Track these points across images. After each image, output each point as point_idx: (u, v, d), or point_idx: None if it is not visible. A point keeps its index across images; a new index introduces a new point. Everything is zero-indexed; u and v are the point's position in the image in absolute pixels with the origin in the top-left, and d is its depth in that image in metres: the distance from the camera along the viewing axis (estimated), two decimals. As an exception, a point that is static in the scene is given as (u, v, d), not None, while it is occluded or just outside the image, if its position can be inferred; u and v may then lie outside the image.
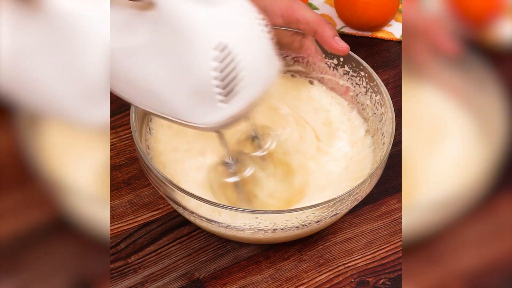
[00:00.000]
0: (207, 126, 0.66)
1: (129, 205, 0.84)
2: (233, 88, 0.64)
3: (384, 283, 0.78)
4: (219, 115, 0.65)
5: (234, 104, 0.65)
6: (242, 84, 0.64)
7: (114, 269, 0.78)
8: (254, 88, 0.65)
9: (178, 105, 0.66)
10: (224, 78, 0.63)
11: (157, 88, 0.65)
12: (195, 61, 0.63)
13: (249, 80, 0.64)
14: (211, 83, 0.63)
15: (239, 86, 0.64)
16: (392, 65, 1.00)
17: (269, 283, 0.78)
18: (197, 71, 0.63)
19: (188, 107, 0.65)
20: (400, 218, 0.83)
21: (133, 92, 0.68)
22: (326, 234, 0.81)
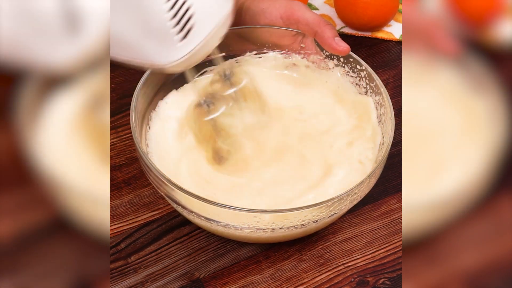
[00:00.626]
0: (169, 66, 0.72)
1: (129, 205, 0.84)
2: (188, 27, 0.70)
3: (384, 283, 0.78)
4: (178, 53, 0.71)
5: (191, 42, 0.71)
6: (196, 23, 0.70)
7: (114, 269, 0.78)
8: (207, 24, 0.72)
9: (141, 47, 0.71)
10: (178, 18, 0.69)
11: (124, 35, 0.71)
12: (149, 4, 0.68)
13: (202, 18, 0.71)
14: (167, 24, 0.69)
15: (193, 24, 0.70)
16: (392, 65, 1.00)
17: (269, 283, 0.78)
18: (151, 10, 0.68)
19: (150, 48, 0.71)
20: (400, 218, 0.83)
21: None
22: (326, 234, 0.81)
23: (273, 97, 0.85)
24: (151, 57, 0.72)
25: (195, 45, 0.71)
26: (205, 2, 0.71)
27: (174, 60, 0.71)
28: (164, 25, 0.69)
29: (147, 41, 0.70)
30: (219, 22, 0.72)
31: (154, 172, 0.73)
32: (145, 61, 0.72)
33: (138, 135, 0.77)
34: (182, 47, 0.71)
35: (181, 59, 0.71)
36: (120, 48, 0.72)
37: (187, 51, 0.71)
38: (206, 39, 0.72)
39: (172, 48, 0.71)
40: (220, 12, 0.72)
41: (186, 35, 0.70)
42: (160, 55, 0.71)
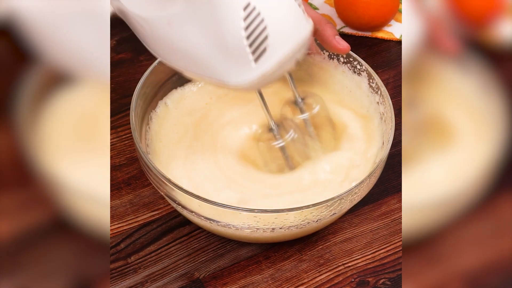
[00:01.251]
0: (241, 86, 0.70)
1: (129, 205, 0.84)
2: (263, 48, 0.68)
3: (384, 283, 0.78)
4: (252, 74, 0.69)
5: (264, 63, 0.68)
6: (271, 43, 0.68)
7: (114, 269, 0.78)
8: (282, 47, 0.69)
9: (214, 66, 0.70)
10: (253, 38, 0.67)
11: (195, 51, 0.70)
12: (226, 22, 0.67)
13: (278, 39, 0.68)
14: (242, 43, 0.67)
15: (268, 45, 0.68)
16: (392, 65, 1.00)
17: (269, 283, 0.78)
18: (229, 32, 0.67)
19: (223, 67, 0.69)
20: (400, 218, 0.83)
21: (174, 56, 0.73)
22: (326, 234, 0.81)
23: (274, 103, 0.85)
24: (222, 75, 0.70)
25: (269, 67, 0.69)
26: (282, 24, 0.68)
27: (245, 80, 0.69)
28: (239, 42, 0.67)
29: (220, 58, 0.69)
30: (296, 45, 0.70)
31: (154, 172, 0.73)
32: (215, 79, 0.71)
33: (138, 135, 0.77)
34: (255, 68, 0.68)
35: (253, 80, 0.69)
36: (191, 63, 0.71)
37: (260, 72, 0.69)
38: (281, 62, 0.69)
39: (245, 68, 0.68)
40: (298, 35, 0.70)
41: (260, 56, 0.68)
42: (231, 73, 0.69)
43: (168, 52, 0.73)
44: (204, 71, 0.71)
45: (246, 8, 0.66)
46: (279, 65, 0.69)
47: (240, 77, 0.69)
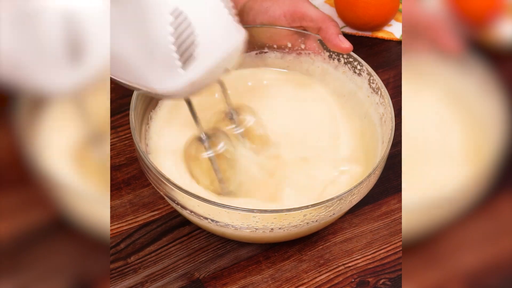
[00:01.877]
0: (168, 93, 0.69)
1: (129, 205, 0.84)
2: (190, 54, 0.67)
3: (384, 283, 0.78)
4: (179, 81, 0.68)
5: (193, 70, 0.68)
6: (199, 50, 0.67)
7: (114, 269, 0.78)
8: (212, 55, 0.68)
9: (142, 72, 0.68)
10: (181, 43, 0.66)
11: (124, 56, 0.68)
12: (153, 27, 0.66)
13: (206, 47, 0.67)
14: (169, 48, 0.66)
15: (196, 52, 0.67)
16: (392, 65, 1.00)
17: (269, 283, 0.78)
18: (156, 36, 0.66)
19: (151, 73, 0.68)
20: (400, 218, 0.83)
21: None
22: (326, 234, 0.81)
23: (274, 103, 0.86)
24: (150, 82, 0.69)
25: (197, 74, 0.68)
26: (212, 31, 0.68)
27: (173, 87, 0.68)
28: (166, 47, 0.66)
29: (148, 65, 0.67)
30: (226, 54, 0.69)
31: (154, 172, 0.73)
32: (143, 86, 0.69)
33: (138, 135, 0.77)
34: (183, 75, 0.67)
35: (180, 87, 0.68)
36: (119, 70, 0.69)
37: (188, 79, 0.68)
38: (209, 70, 0.68)
39: (173, 74, 0.67)
40: (228, 44, 0.69)
41: (188, 62, 0.67)
42: (159, 80, 0.68)
43: None
44: (131, 77, 0.69)
45: (173, 13, 0.65)
46: (208, 73, 0.68)
47: (167, 84, 0.68)
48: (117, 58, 0.68)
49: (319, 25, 0.82)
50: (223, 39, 0.69)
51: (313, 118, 0.86)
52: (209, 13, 0.68)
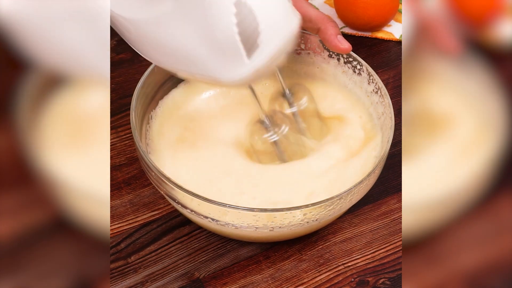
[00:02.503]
0: (234, 82, 0.70)
1: (129, 205, 0.84)
2: (254, 41, 0.67)
3: (384, 283, 0.78)
4: (245, 69, 0.69)
5: (257, 58, 0.68)
6: (262, 37, 0.68)
7: (114, 269, 0.78)
8: (274, 41, 0.69)
9: (206, 63, 0.69)
10: (245, 32, 0.67)
11: (187, 50, 0.69)
12: (217, 18, 0.66)
13: (269, 33, 0.68)
14: (235, 38, 0.67)
15: (259, 39, 0.68)
16: (392, 65, 1.00)
17: (269, 283, 0.78)
18: (220, 28, 0.67)
19: (215, 64, 0.69)
20: (400, 218, 0.83)
21: (165, 57, 0.72)
22: (326, 234, 0.81)
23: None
24: (214, 72, 0.70)
25: (262, 61, 0.69)
26: (273, 18, 0.68)
27: (239, 76, 0.69)
28: (231, 39, 0.67)
29: (212, 56, 0.68)
30: (287, 38, 0.70)
31: (155, 172, 0.73)
32: (207, 76, 0.70)
33: (138, 135, 0.77)
34: (248, 63, 0.68)
35: (246, 75, 0.69)
36: (182, 62, 0.70)
37: (253, 67, 0.69)
38: (273, 56, 0.69)
39: (238, 63, 0.68)
40: (288, 28, 0.70)
41: (253, 51, 0.68)
42: (224, 70, 0.69)
43: (158, 53, 0.72)
44: (196, 70, 0.70)
45: (237, 4, 0.66)
46: (272, 59, 0.69)
47: (233, 73, 0.69)
48: (180, 51, 0.69)
49: (318, 25, 0.82)
50: (283, 23, 0.70)
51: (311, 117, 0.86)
52: (270, 0, 0.69)
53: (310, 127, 0.83)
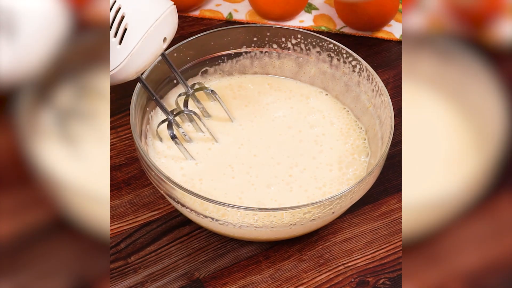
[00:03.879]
0: (115, 72, 0.73)
1: (129, 205, 0.84)
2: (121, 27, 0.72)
3: (384, 283, 0.78)
4: (119, 56, 0.73)
5: (128, 42, 0.72)
6: (128, 20, 0.72)
7: (114, 269, 0.78)
8: (142, 24, 0.73)
9: None
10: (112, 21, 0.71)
11: None
12: None
13: (135, 17, 0.72)
14: None
15: (126, 23, 0.72)
16: (392, 65, 1.00)
17: (269, 283, 0.78)
18: None
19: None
20: (400, 218, 0.83)
21: None
22: (326, 234, 0.81)
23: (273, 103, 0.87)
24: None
25: (132, 44, 0.72)
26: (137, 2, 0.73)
27: (116, 64, 0.72)
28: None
29: None
30: (155, 20, 0.73)
31: (155, 171, 0.73)
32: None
33: (138, 135, 0.77)
34: (120, 49, 0.72)
35: (123, 62, 0.72)
36: None
37: (127, 51, 0.72)
38: (143, 37, 0.72)
39: (113, 54, 0.72)
40: (156, 11, 0.73)
41: (122, 37, 0.72)
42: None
43: None
44: None
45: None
46: (144, 41, 0.72)
47: (112, 64, 0.72)
48: None
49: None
50: (150, 8, 0.73)
51: (312, 117, 0.86)
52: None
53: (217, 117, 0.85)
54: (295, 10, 1.05)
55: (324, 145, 0.83)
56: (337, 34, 1.04)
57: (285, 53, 0.88)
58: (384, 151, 0.76)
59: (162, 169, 0.74)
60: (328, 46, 0.86)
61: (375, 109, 0.83)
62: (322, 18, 1.06)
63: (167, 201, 0.83)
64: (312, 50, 0.87)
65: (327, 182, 0.80)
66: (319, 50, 0.87)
